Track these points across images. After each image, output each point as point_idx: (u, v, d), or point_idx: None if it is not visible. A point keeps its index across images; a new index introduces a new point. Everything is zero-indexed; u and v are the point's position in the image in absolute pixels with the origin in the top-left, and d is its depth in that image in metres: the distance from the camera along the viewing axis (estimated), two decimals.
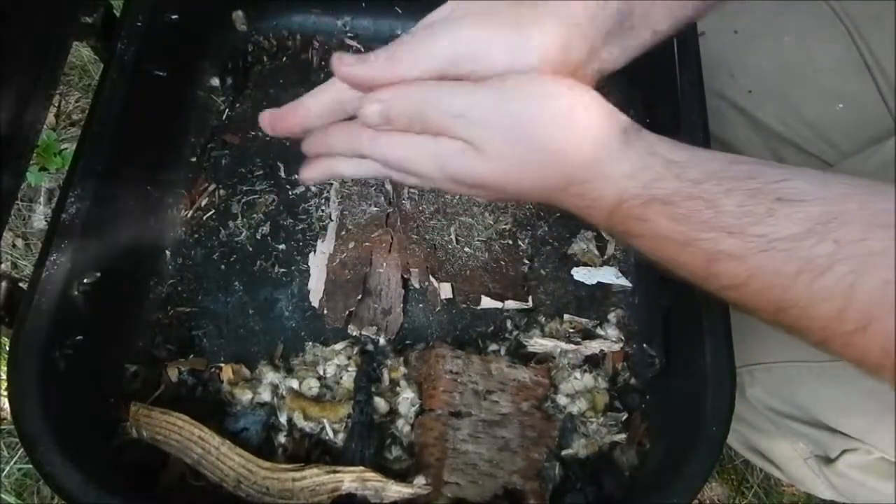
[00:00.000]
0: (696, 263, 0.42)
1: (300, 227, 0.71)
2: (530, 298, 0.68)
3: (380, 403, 0.60)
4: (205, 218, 0.71)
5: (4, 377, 0.95)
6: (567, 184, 0.44)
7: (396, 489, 0.54)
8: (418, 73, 0.43)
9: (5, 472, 1.01)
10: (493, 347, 0.65)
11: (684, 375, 0.60)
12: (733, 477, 1.09)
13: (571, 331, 0.66)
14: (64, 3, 0.67)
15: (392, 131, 0.45)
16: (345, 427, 0.59)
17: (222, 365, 0.62)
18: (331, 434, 0.59)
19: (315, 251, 0.69)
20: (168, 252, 0.69)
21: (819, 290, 0.38)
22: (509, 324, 0.67)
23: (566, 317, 0.67)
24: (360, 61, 0.44)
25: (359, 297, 0.66)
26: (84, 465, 0.51)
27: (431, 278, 0.68)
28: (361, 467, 0.55)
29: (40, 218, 1.18)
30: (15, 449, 1.02)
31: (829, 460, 0.76)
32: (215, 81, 0.77)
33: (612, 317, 0.67)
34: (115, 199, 0.63)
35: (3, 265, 1.13)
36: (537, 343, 0.65)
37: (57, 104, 1.27)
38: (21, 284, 0.58)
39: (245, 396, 0.61)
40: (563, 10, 0.44)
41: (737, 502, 1.08)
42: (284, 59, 0.80)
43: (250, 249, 0.70)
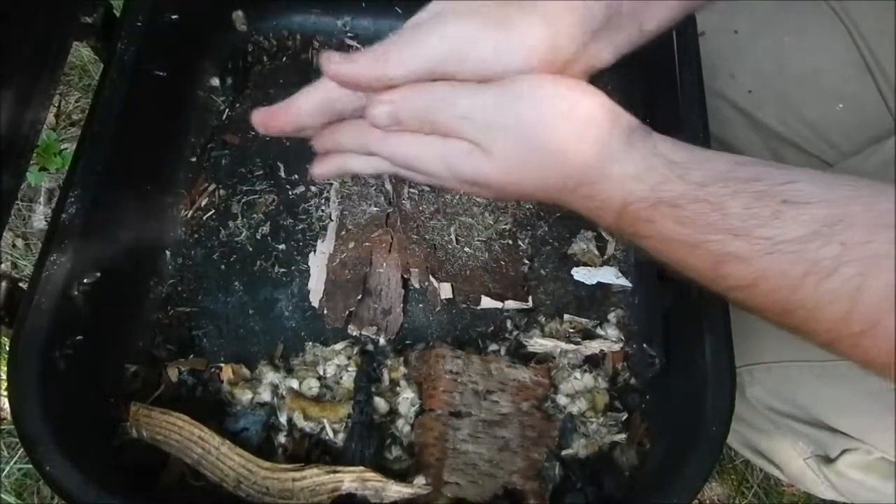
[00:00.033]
0: (705, 265, 0.43)
1: (300, 227, 0.71)
2: (530, 298, 0.68)
3: (380, 403, 0.60)
4: (205, 218, 0.71)
5: (4, 377, 0.95)
6: (576, 185, 0.44)
7: (396, 489, 0.54)
8: (405, 71, 0.43)
9: (5, 472, 1.01)
10: (493, 347, 0.65)
11: (684, 375, 0.60)
12: (733, 477, 1.09)
13: (571, 331, 0.66)
14: (64, 3, 0.67)
15: (401, 131, 0.45)
16: (345, 427, 0.59)
17: (222, 365, 0.62)
18: (331, 434, 0.59)
19: (315, 251, 0.69)
20: (168, 252, 0.69)
21: (825, 292, 0.38)
22: (509, 324, 0.67)
23: (566, 317, 0.67)
24: (348, 60, 0.44)
25: (359, 297, 0.66)
26: (84, 465, 0.51)
27: (431, 278, 0.68)
28: (361, 467, 0.55)
29: (40, 218, 1.18)
30: (15, 449, 1.02)
31: (829, 460, 0.76)
32: (215, 81, 0.77)
33: (612, 317, 0.67)
34: (115, 199, 0.63)
35: (3, 265, 1.13)
36: (537, 343, 0.65)
37: (57, 104, 1.27)
38: (21, 284, 0.58)
39: (245, 396, 0.61)
40: (549, 9, 0.44)
41: (737, 502, 1.08)
42: (284, 59, 0.80)
43: (250, 249, 0.70)
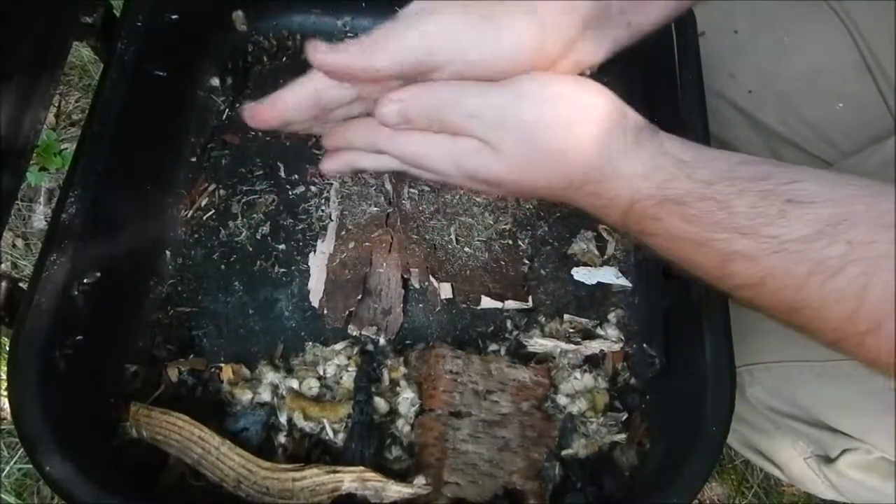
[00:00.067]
0: (711, 264, 0.43)
1: (300, 227, 0.71)
2: (530, 298, 0.68)
3: (380, 403, 0.60)
4: (205, 218, 0.71)
5: (4, 377, 0.95)
6: (581, 182, 0.44)
7: (396, 489, 0.54)
8: (391, 63, 0.43)
9: (5, 472, 1.01)
10: (493, 347, 0.65)
11: (684, 375, 0.60)
12: (733, 477, 1.09)
13: (571, 331, 0.66)
14: (64, 3, 0.67)
15: (410, 129, 0.45)
16: (345, 427, 0.59)
17: (222, 365, 0.62)
18: (331, 434, 0.59)
19: (315, 251, 0.69)
20: (168, 252, 0.69)
21: (831, 291, 0.38)
22: (509, 324, 0.67)
23: (566, 317, 0.67)
24: (335, 50, 0.44)
25: (359, 297, 0.66)
26: (84, 465, 0.51)
27: (431, 278, 0.68)
28: (361, 467, 0.55)
29: (40, 218, 1.18)
30: (15, 449, 1.02)
31: (829, 460, 0.76)
32: (215, 81, 0.77)
33: (612, 317, 0.67)
34: (115, 199, 0.63)
35: (3, 265, 1.13)
36: (537, 343, 0.65)
37: (57, 104, 1.27)
38: (21, 284, 0.58)
39: (245, 396, 0.61)
40: (537, 5, 0.44)
41: (737, 502, 1.08)
42: (284, 59, 0.80)
43: (250, 249, 0.70)
